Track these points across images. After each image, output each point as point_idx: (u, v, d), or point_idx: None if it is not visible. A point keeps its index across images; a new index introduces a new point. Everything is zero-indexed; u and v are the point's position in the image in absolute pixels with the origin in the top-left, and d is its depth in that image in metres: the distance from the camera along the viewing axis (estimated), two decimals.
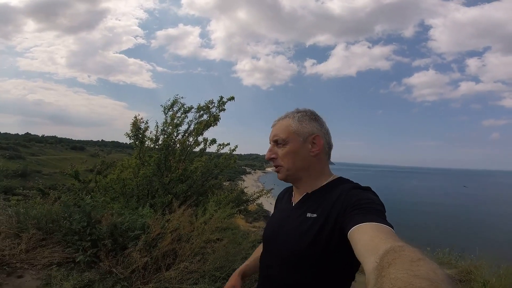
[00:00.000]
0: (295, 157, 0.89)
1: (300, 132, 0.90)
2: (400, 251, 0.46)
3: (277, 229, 0.94)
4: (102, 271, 2.26)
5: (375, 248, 0.55)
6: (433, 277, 0.38)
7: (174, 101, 5.41)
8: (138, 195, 4.93)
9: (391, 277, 0.40)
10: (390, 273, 0.41)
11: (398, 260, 0.43)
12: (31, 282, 2.06)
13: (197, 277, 2.45)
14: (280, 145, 0.91)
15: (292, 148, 0.89)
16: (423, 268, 0.40)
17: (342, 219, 0.74)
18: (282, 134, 0.91)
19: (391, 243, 0.53)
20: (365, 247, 0.59)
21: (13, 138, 56.72)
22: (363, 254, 0.58)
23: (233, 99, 5.44)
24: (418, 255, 0.44)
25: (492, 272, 3.50)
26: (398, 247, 0.48)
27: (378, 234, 0.60)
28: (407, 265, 0.41)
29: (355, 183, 0.87)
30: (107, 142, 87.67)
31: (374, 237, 0.59)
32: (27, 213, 2.65)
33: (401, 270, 0.40)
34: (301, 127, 0.90)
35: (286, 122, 0.93)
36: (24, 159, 34.29)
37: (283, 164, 0.90)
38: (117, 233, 2.64)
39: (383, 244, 0.54)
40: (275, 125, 0.95)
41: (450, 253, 4.71)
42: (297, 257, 0.82)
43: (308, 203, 0.88)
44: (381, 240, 0.57)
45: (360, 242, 0.62)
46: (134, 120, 5.21)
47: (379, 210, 0.72)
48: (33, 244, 2.41)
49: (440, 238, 15.54)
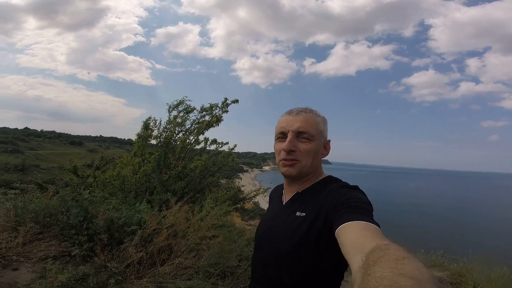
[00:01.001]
0: (314, 157, 0.89)
1: (323, 134, 0.92)
2: (386, 250, 0.47)
3: (268, 228, 0.95)
4: (97, 265, 2.29)
5: (361, 247, 0.55)
6: (418, 275, 0.38)
7: (181, 101, 5.41)
8: (136, 191, 4.96)
9: (377, 275, 0.40)
10: (376, 272, 0.41)
11: (383, 259, 0.44)
12: (26, 274, 2.08)
13: (191, 273, 2.48)
14: (305, 140, 0.87)
15: (316, 146, 0.89)
16: (408, 267, 0.40)
17: (330, 218, 0.75)
18: (312, 130, 0.88)
19: (377, 241, 0.54)
20: (352, 246, 0.59)
21: (12, 132, 56.60)
22: (349, 252, 0.58)
23: (237, 102, 5.49)
24: (403, 253, 0.44)
25: (483, 276, 3.51)
26: (384, 246, 0.49)
27: (364, 232, 0.61)
28: (392, 263, 0.42)
29: (344, 182, 0.88)
30: (105, 137, 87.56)
31: (361, 236, 0.60)
32: (25, 207, 2.67)
33: (387, 269, 0.41)
34: (324, 129, 0.92)
35: (314, 118, 0.90)
36: (22, 154, 34.25)
37: (302, 159, 0.87)
38: (114, 228, 2.67)
39: (369, 242, 0.55)
40: (298, 115, 0.90)
41: (444, 256, 4.74)
42: (288, 256, 0.83)
43: (298, 202, 0.89)
44: (367, 239, 0.58)
45: (347, 240, 0.62)
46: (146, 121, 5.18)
47: (367, 209, 0.72)
48: (30, 237, 2.44)
49: (435, 240, 15.59)
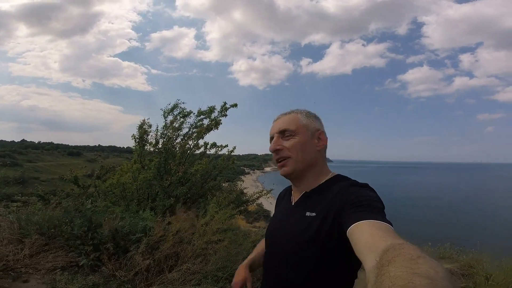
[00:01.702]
0: (304, 149, 0.89)
1: (308, 126, 0.91)
2: (400, 249, 0.46)
3: (276, 228, 0.95)
4: (105, 274, 2.28)
5: (375, 246, 0.54)
6: (433, 275, 0.38)
7: (175, 106, 5.43)
8: (139, 198, 4.94)
9: (391, 275, 0.39)
10: (390, 271, 0.40)
11: (397, 258, 0.43)
12: (36, 286, 2.08)
13: (199, 278, 2.48)
14: (288, 137, 0.90)
15: (301, 139, 0.89)
16: (423, 266, 0.39)
17: (340, 217, 0.74)
18: (290, 126, 0.90)
19: (391, 240, 0.53)
20: (365, 245, 0.58)
21: (9, 145, 56.40)
22: (362, 252, 0.58)
23: (236, 106, 5.51)
24: (417, 252, 0.43)
25: (494, 266, 3.47)
26: (398, 245, 0.48)
27: (377, 231, 0.60)
28: (407, 263, 0.41)
29: (353, 180, 0.87)
30: (104, 147, 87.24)
31: (374, 235, 0.59)
32: (29, 219, 2.66)
33: (401, 268, 0.40)
34: (309, 121, 0.92)
35: (293, 116, 0.93)
36: (21, 166, 34.09)
37: (292, 155, 0.88)
38: (119, 237, 2.67)
39: (383, 242, 0.54)
40: (279, 118, 0.95)
41: (451, 248, 4.72)
42: (298, 256, 0.83)
43: (307, 201, 0.89)
44: (381, 238, 0.57)
45: (360, 240, 0.61)
46: (141, 123, 5.24)
47: (378, 207, 0.71)
48: (36, 249, 2.43)
49: (440, 233, 15.62)
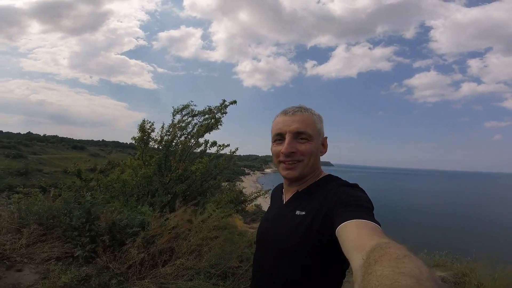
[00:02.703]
0: (315, 156, 0.89)
1: (320, 132, 0.91)
2: (386, 248, 0.46)
3: (267, 227, 0.96)
4: (99, 266, 2.31)
5: (362, 245, 0.55)
6: (418, 274, 0.38)
7: (186, 106, 5.43)
8: (138, 194, 4.99)
9: (377, 274, 0.40)
10: (376, 270, 0.41)
11: (384, 257, 0.43)
12: (29, 275, 2.11)
13: (192, 273, 2.49)
14: (304, 140, 0.87)
15: (315, 146, 0.88)
16: (408, 265, 0.40)
17: (330, 217, 0.74)
18: (309, 130, 0.87)
19: (377, 240, 0.54)
20: (352, 244, 0.59)
21: (15, 137, 57.03)
22: (350, 251, 0.58)
23: (235, 103, 5.51)
24: (403, 252, 0.44)
25: (487, 275, 3.48)
26: (384, 244, 0.48)
27: (364, 231, 0.61)
28: (393, 262, 0.42)
29: (343, 180, 0.88)
30: (108, 142, 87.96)
31: (361, 234, 0.60)
32: (29, 209, 2.71)
33: (387, 267, 0.40)
34: (321, 126, 0.92)
35: (311, 117, 0.90)
36: (25, 158, 34.50)
37: (305, 159, 0.87)
38: (116, 230, 2.70)
39: (370, 241, 0.55)
40: (294, 115, 0.89)
41: (447, 255, 4.71)
42: (288, 255, 0.83)
43: (297, 200, 0.89)
44: (368, 237, 0.57)
45: (347, 239, 0.62)
46: (141, 124, 5.21)
47: (367, 207, 0.72)
48: (33, 239, 2.47)
49: (439, 240, 15.47)
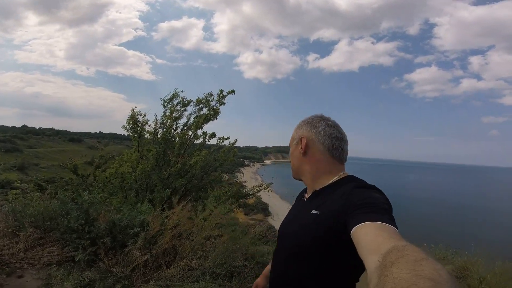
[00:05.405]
0: (293, 158, 1.04)
1: (294, 137, 1.05)
2: (403, 251, 0.45)
3: (286, 225, 0.99)
4: (102, 270, 2.24)
5: (378, 247, 0.54)
6: (437, 277, 0.37)
7: (174, 95, 5.34)
8: (137, 189, 4.90)
9: (394, 276, 0.39)
10: (393, 273, 0.40)
11: (401, 260, 0.43)
12: (31, 282, 2.04)
13: (198, 274, 2.44)
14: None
15: (291, 150, 1.06)
16: (426, 268, 0.39)
17: (344, 218, 0.73)
18: (291, 141, 1.07)
19: (394, 242, 0.53)
20: (368, 246, 0.58)
21: (10, 130, 56.39)
22: (365, 253, 0.58)
23: (233, 92, 5.36)
24: (421, 254, 0.43)
25: (488, 269, 3.50)
26: (401, 247, 0.47)
27: (381, 233, 0.60)
28: (410, 264, 0.41)
29: (362, 181, 0.87)
30: (105, 134, 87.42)
31: (377, 236, 0.59)
32: (24, 211, 2.61)
33: (404, 270, 0.40)
34: (295, 132, 1.05)
35: (295, 129, 1.09)
36: (21, 152, 34.15)
37: (291, 162, 1.06)
38: (116, 231, 2.62)
39: (386, 243, 0.54)
40: None
41: (447, 249, 4.73)
42: (300, 253, 0.85)
43: (315, 200, 0.91)
44: (384, 239, 0.57)
45: (363, 241, 0.61)
46: (131, 113, 5.15)
47: (384, 209, 0.70)
48: (31, 243, 2.38)
49: (436, 234, 15.76)
